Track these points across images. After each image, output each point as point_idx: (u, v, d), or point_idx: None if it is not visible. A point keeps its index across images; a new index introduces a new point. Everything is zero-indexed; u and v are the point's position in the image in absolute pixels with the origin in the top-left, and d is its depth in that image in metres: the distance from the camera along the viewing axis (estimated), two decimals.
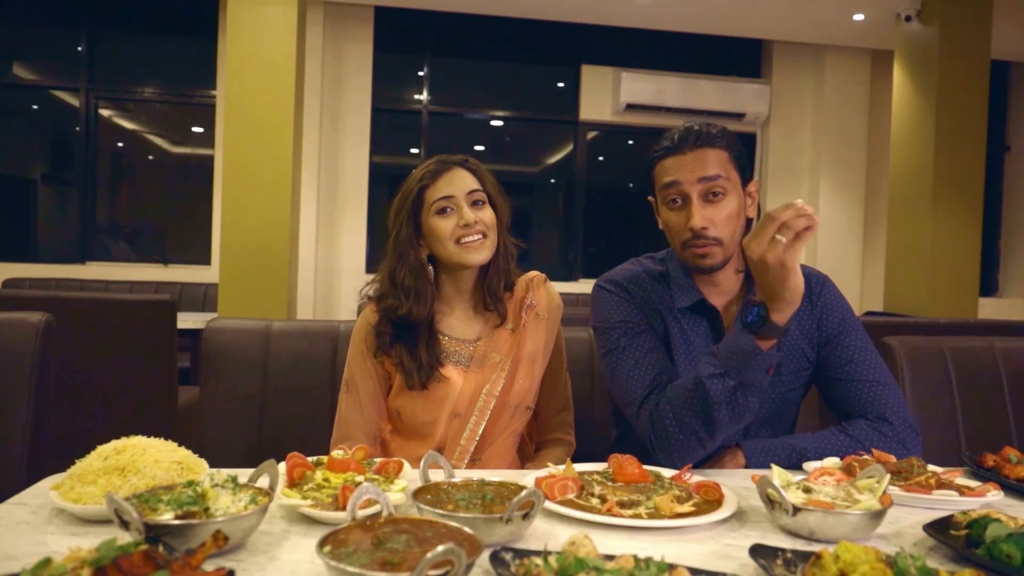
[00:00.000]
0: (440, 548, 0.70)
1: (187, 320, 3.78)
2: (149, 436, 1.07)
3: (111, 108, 6.09)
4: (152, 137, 6.28)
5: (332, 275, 5.96)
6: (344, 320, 1.94)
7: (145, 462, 0.99)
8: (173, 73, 6.11)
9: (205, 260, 5.90)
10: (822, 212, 6.49)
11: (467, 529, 0.82)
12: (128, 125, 6.23)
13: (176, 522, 0.83)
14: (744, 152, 1.49)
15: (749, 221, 1.50)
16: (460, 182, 1.53)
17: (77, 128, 5.92)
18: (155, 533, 0.81)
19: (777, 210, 1.19)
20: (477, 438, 1.51)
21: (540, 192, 7.20)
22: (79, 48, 5.91)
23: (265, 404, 1.90)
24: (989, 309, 6.48)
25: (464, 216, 1.50)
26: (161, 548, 0.77)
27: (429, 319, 1.54)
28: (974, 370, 2.06)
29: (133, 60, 6.13)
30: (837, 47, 6.44)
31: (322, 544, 0.77)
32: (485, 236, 1.52)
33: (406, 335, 1.53)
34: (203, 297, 5.22)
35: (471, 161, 1.58)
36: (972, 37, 5.26)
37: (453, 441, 1.50)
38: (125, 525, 0.83)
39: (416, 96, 6.39)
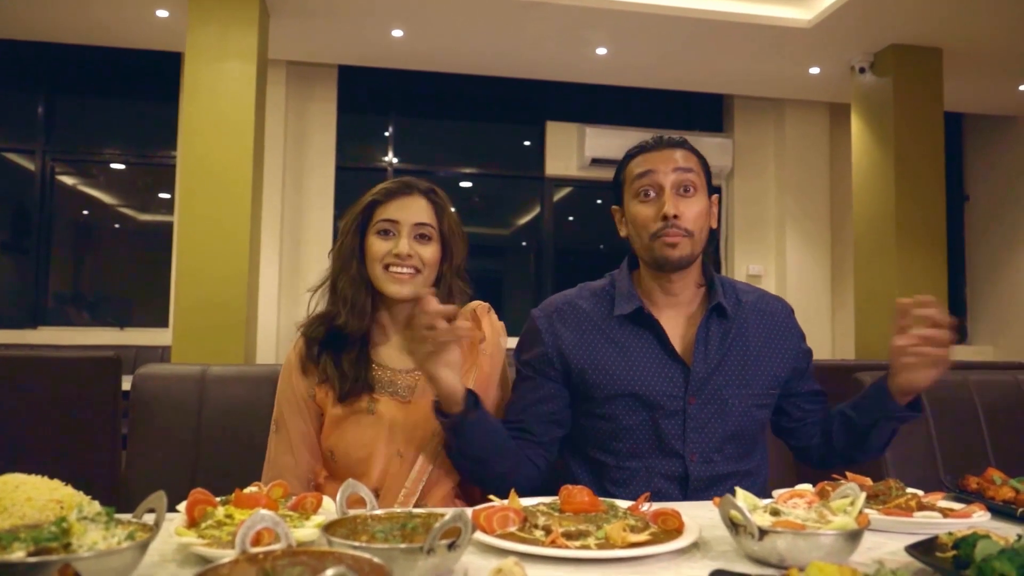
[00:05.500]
0: (329, 572, 0.57)
1: None
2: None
3: (74, 176, 5.99)
4: (117, 205, 6.17)
5: (295, 334, 5.80)
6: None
7: (14, 500, 0.86)
8: (134, 136, 6.03)
9: (163, 323, 5.72)
10: (789, 261, 6.51)
11: (377, 560, 0.70)
12: (93, 193, 6.12)
13: (26, 559, 0.69)
14: (708, 167, 1.50)
15: (711, 232, 1.48)
16: (413, 211, 1.43)
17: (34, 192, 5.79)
18: None
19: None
20: (424, 479, 1.38)
21: (511, 254, 7.17)
22: (38, 110, 5.83)
23: (200, 454, 1.76)
24: (959, 357, 6.45)
25: (400, 245, 1.40)
26: None
27: (363, 340, 1.44)
28: (949, 404, 2.01)
29: (93, 123, 6.05)
30: (796, 101, 6.56)
31: None
32: (417, 272, 1.42)
33: (335, 348, 1.43)
34: (159, 359, 5.03)
35: (437, 193, 1.48)
36: (924, 88, 5.39)
37: (395, 481, 1.37)
38: None
39: (381, 155, 6.37)
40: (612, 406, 1.40)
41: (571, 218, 6.81)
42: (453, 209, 1.51)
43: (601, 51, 5.58)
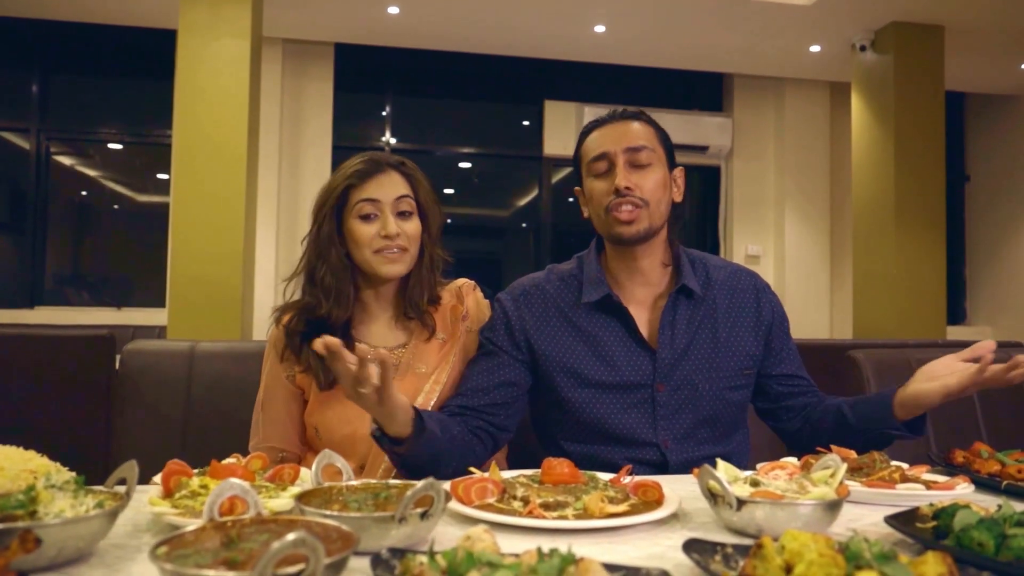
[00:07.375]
0: (289, 537, 0.57)
1: None
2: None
3: (71, 156, 5.95)
4: (116, 186, 6.15)
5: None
6: None
7: None
8: (130, 115, 5.99)
9: (161, 303, 5.72)
10: (788, 242, 6.48)
11: (346, 528, 0.69)
12: (90, 173, 6.09)
13: None
14: (669, 139, 1.47)
15: (676, 206, 1.45)
16: (390, 187, 1.41)
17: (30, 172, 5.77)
18: None
19: None
20: None
21: (511, 235, 7.14)
22: (32, 89, 5.79)
23: (188, 429, 1.76)
24: (958, 337, 6.46)
25: (387, 227, 1.38)
26: None
27: (345, 324, 1.43)
28: None
29: (88, 102, 6.01)
30: (796, 79, 6.50)
31: (159, 545, 0.63)
32: (405, 250, 1.41)
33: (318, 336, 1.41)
34: (156, 338, 5.03)
35: (408, 164, 1.46)
36: (926, 66, 5.33)
37: (378, 456, 1.37)
38: None
39: (379, 135, 6.33)
40: (578, 398, 1.38)
41: (570, 199, 6.77)
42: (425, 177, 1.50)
43: (599, 29, 5.52)
